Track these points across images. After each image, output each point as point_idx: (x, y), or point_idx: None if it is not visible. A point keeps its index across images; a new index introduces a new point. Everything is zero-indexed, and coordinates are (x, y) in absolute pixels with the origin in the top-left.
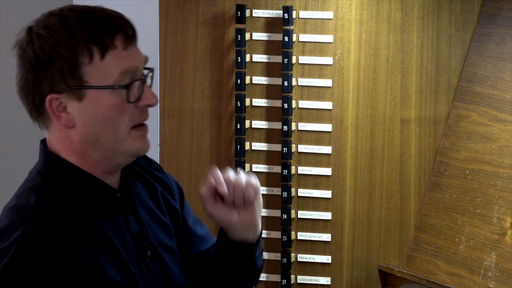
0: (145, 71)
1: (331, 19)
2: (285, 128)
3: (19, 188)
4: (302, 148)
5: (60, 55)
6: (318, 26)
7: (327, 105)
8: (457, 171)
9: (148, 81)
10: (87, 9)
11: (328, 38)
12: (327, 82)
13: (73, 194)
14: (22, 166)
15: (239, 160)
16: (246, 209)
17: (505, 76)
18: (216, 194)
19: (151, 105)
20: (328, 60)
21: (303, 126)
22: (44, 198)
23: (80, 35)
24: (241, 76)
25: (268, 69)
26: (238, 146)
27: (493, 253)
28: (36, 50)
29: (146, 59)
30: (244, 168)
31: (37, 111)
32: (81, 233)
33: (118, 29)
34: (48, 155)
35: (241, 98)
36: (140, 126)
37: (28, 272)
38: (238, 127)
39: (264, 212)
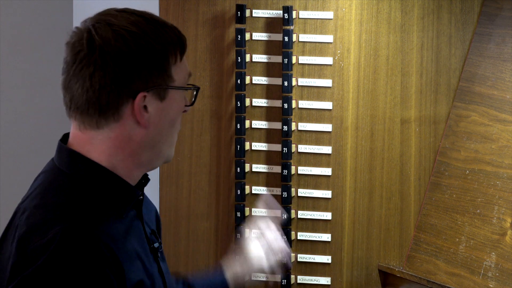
0: None
1: (331, 19)
2: (285, 128)
3: (37, 187)
4: (302, 148)
5: (156, 52)
6: (318, 26)
7: (327, 105)
8: (457, 171)
9: None
10: (144, 12)
11: (328, 38)
12: (327, 82)
13: (99, 194)
14: (22, 166)
15: (239, 160)
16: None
17: (505, 76)
18: None
19: (185, 112)
20: (328, 60)
21: (303, 126)
22: (75, 197)
23: (169, 35)
24: (241, 76)
25: (268, 69)
26: (238, 146)
27: (493, 253)
28: (131, 46)
29: None
30: (244, 169)
31: (116, 108)
32: (112, 233)
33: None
34: (73, 156)
35: (241, 98)
36: None
37: (69, 268)
38: (238, 127)
39: (264, 212)
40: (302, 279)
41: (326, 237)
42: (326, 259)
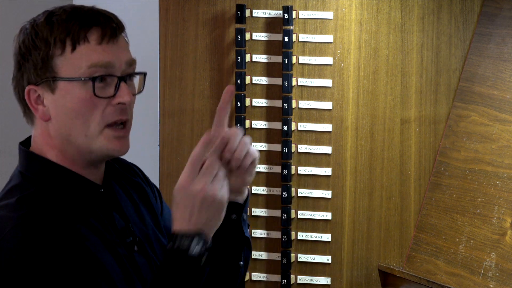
0: (131, 73)
1: (331, 19)
2: (285, 128)
3: None
4: (302, 148)
5: (36, 47)
6: (318, 26)
7: (327, 105)
8: (457, 171)
9: (134, 83)
10: (77, 6)
11: (328, 38)
12: (327, 82)
13: (56, 191)
14: None
15: None
16: (238, 176)
17: (505, 76)
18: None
19: (123, 103)
20: (328, 60)
21: (303, 126)
22: (29, 194)
23: (57, 28)
24: (241, 76)
25: (268, 69)
26: None
27: (493, 253)
28: (19, 43)
29: (131, 61)
30: None
31: (23, 106)
32: (71, 226)
33: (94, 23)
34: (27, 154)
35: (241, 98)
36: (117, 126)
37: (25, 267)
38: (238, 127)
39: (264, 212)
40: (302, 279)
41: (326, 237)
42: (326, 259)
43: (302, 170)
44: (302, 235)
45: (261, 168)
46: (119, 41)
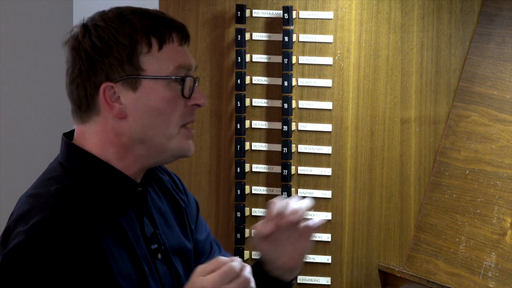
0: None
1: (331, 19)
2: (285, 128)
3: (37, 179)
4: (302, 148)
5: (119, 43)
6: (318, 26)
7: (327, 105)
8: (457, 171)
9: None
10: (141, 8)
11: (328, 38)
12: (327, 82)
13: (94, 186)
14: (22, 166)
15: (239, 160)
16: (294, 251)
17: (505, 76)
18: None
19: (200, 105)
20: (328, 60)
21: (303, 126)
22: (65, 187)
23: (139, 25)
24: (241, 76)
25: (268, 69)
26: (238, 146)
27: (493, 253)
28: (93, 39)
29: (196, 66)
30: (244, 169)
31: (87, 103)
32: (100, 224)
33: (175, 26)
34: (71, 147)
35: (241, 98)
36: (189, 126)
37: (42, 255)
38: (238, 127)
39: (264, 212)
40: (302, 279)
41: (326, 237)
42: (326, 259)
43: (302, 170)
44: None
45: (261, 168)
46: (188, 46)
